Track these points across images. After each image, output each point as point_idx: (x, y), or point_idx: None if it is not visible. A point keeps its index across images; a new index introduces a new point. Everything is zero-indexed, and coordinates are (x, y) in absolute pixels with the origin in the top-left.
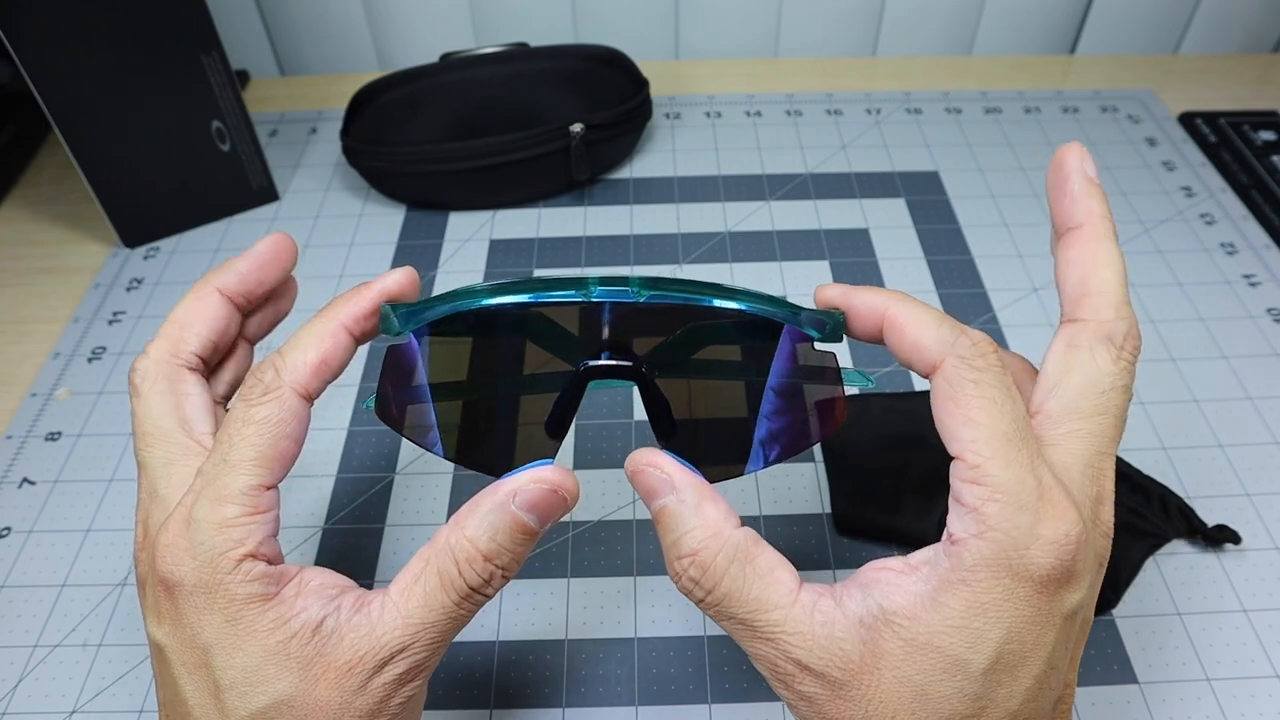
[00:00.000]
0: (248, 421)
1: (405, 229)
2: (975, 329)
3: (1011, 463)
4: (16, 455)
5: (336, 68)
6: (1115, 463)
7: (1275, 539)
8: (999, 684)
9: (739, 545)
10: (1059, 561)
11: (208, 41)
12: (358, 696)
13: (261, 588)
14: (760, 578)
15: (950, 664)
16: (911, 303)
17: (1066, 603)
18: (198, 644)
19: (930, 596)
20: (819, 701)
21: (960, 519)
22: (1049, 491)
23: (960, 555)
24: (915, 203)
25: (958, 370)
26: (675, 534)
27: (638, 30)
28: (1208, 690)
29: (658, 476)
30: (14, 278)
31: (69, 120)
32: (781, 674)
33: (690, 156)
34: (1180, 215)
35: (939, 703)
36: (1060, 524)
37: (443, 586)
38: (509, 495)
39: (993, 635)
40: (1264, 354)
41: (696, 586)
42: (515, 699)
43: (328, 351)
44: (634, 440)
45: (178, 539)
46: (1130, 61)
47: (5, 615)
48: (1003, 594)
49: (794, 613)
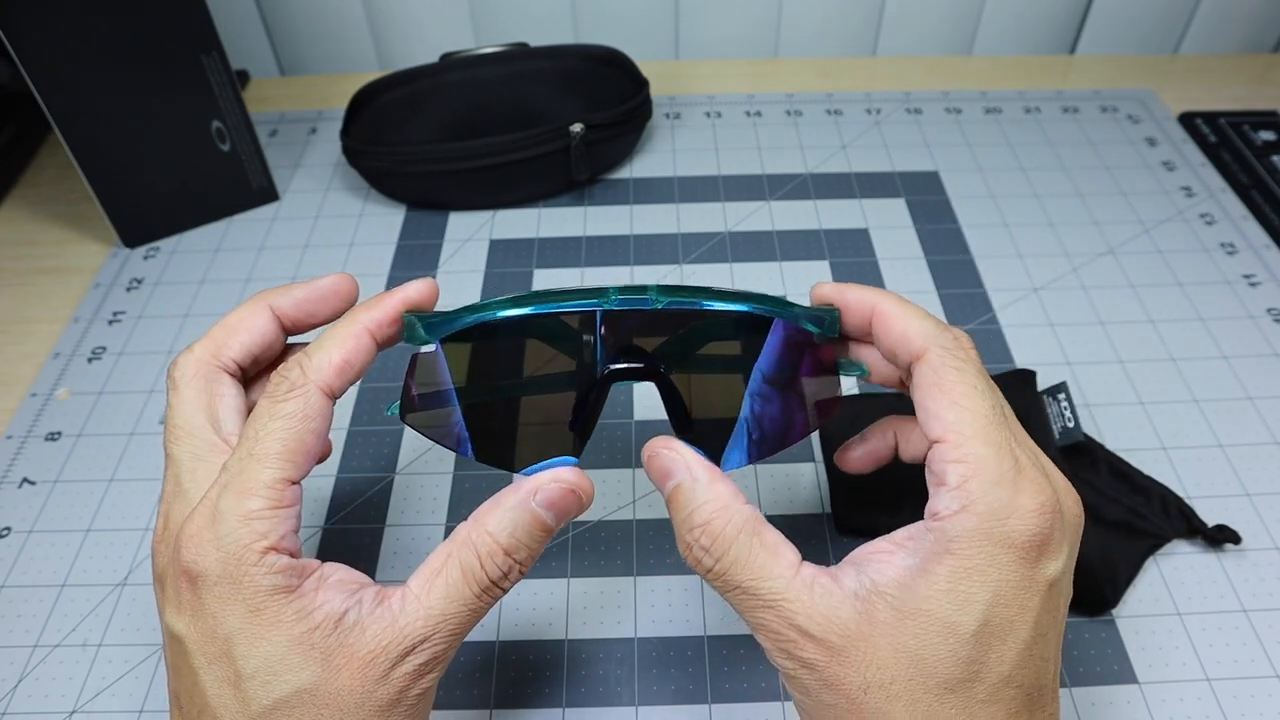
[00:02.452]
0: (274, 416)
1: (405, 229)
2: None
3: (991, 442)
4: (16, 455)
5: (336, 68)
6: (1111, 454)
7: (1275, 539)
8: (989, 648)
9: (747, 518)
10: (1038, 529)
11: (208, 41)
12: (379, 686)
13: (284, 580)
14: (766, 549)
15: (941, 627)
16: (899, 299)
17: (1047, 570)
18: (219, 634)
19: (919, 568)
20: (819, 667)
21: (942, 496)
22: (1025, 468)
23: (944, 529)
24: (915, 203)
25: (942, 359)
26: (688, 509)
27: (638, 30)
28: (1208, 690)
29: (673, 458)
30: (14, 278)
31: (69, 120)
32: (784, 641)
33: (690, 156)
34: (1180, 215)
35: (933, 665)
36: (1037, 495)
37: (464, 579)
38: (530, 493)
39: (980, 598)
40: (1264, 354)
41: (706, 555)
42: (515, 699)
43: (350, 352)
44: (634, 440)
45: (202, 531)
46: (1130, 61)
47: (5, 615)
48: (986, 560)
49: (795, 583)
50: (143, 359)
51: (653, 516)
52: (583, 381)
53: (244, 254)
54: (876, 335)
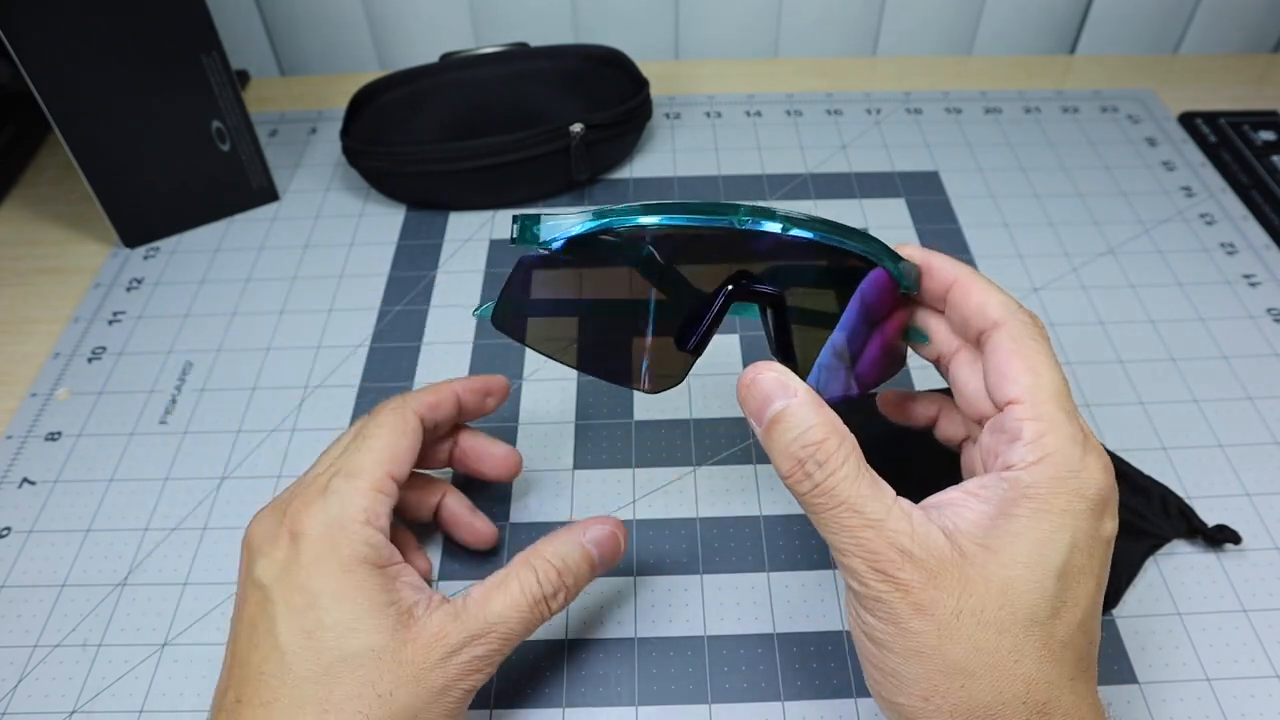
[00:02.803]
0: (380, 424)
1: (405, 229)
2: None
3: (1064, 408)
4: (16, 455)
5: (336, 68)
6: (1111, 454)
7: (1275, 539)
8: (1069, 587)
9: (855, 445)
10: (1103, 486)
11: (208, 41)
12: (435, 669)
13: (375, 553)
14: (869, 476)
15: (1029, 560)
16: (981, 274)
17: (1107, 528)
18: (310, 587)
19: (997, 511)
20: (915, 590)
21: (1018, 449)
22: (1089, 435)
23: (1019, 478)
24: (915, 203)
25: (1024, 329)
26: (800, 428)
27: (638, 30)
28: (1208, 690)
29: (780, 381)
30: (14, 278)
31: (69, 120)
32: (883, 561)
33: (690, 156)
34: (1180, 215)
35: (1023, 596)
36: (1101, 457)
37: (522, 590)
38: (581, 530)
39: (1061, 540)
40: (1264, 354)
41: (818, 471)
42: (515, 699)
43: (441, 397)
44: (634, 441)
45: (313, 500)
46: (1130, 61)
47: (5, 615)
48: (1064, 505)
49: (895, 510)
50: (143, 359)
51: (653, 516)
52: (700, 299)
53: (244, 254)
54: (952, 302)
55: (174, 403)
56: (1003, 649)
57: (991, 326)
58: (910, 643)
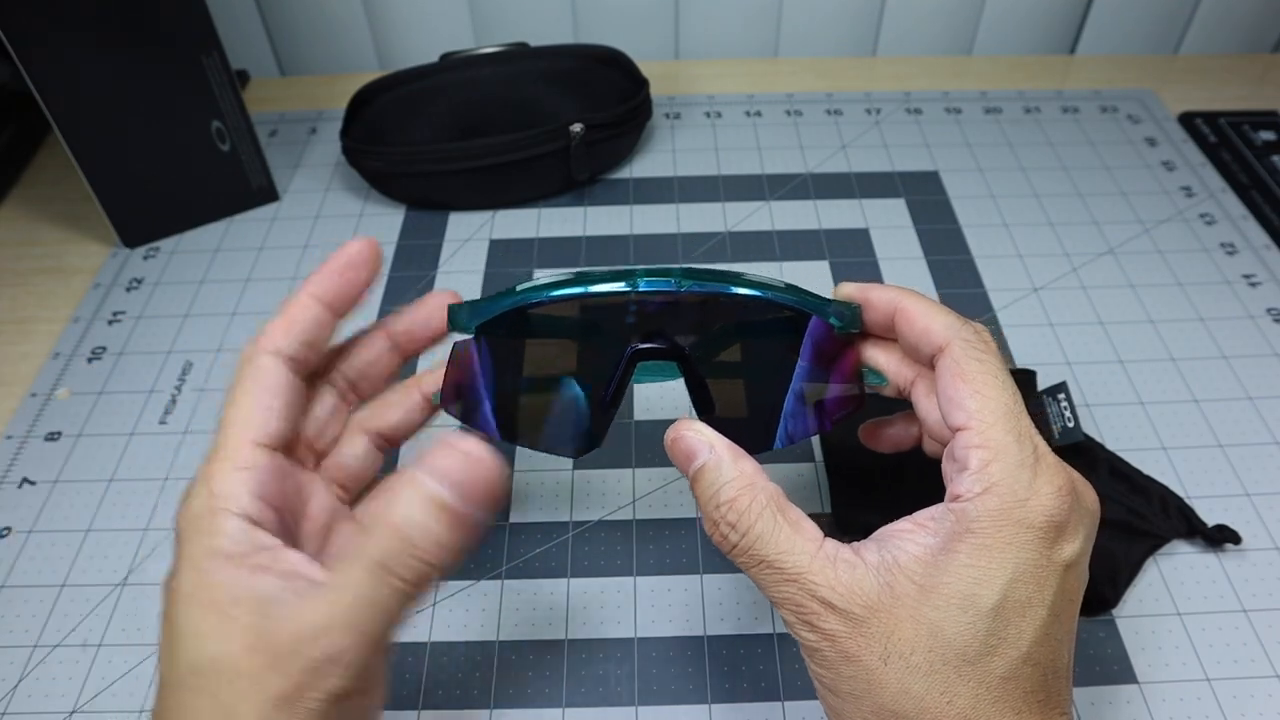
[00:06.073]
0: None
1: (405, 229)
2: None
3: (1011, 430)
4: (16, 455)
5: (336, 68)
6: (1111, 454)
7: (1275, 539)
8: (1008, 623)
9: (772, 495)
10: (1056, 510)
11: (208, 42)
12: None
13: (230, 543)
14: (790, 525)
15: (961, 601)
16: (921, 296)
17: (1064, 552)
18: (176, 590)
19: (941, 546)
20: (840, 639)
21: (965, 480)
22: (1044, 454)
23: (965, 510)
24: (915, 203)
25: (965, 351)
26: (714, 486)
27: (638, 30)
28: (1208, 690)
29: (697, 439)
30: (14, 278)
31: (69, 120)
32: (807, 613)
33: (690, 156)
34: (1180, 215)
35: (953, 638)
36: (1054, 479)
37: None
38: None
39: (999, 575)
40: (1264, 354)
41: (733, 530)
42: (515, 699)
43: (293, 314)
44: (634, 441)
45: (186, 494)
46: (1130, 61)
47: (5, 615)
48: (1006, 539)
49: (818, 557)
50: (143, 359)
51: (653, 516)
52: (609, 363)
53: (244, 254)
54: (899, 331)
55: (174, 403)
56: (933, 691)
57: (937, 351)
58: (845, 686)
